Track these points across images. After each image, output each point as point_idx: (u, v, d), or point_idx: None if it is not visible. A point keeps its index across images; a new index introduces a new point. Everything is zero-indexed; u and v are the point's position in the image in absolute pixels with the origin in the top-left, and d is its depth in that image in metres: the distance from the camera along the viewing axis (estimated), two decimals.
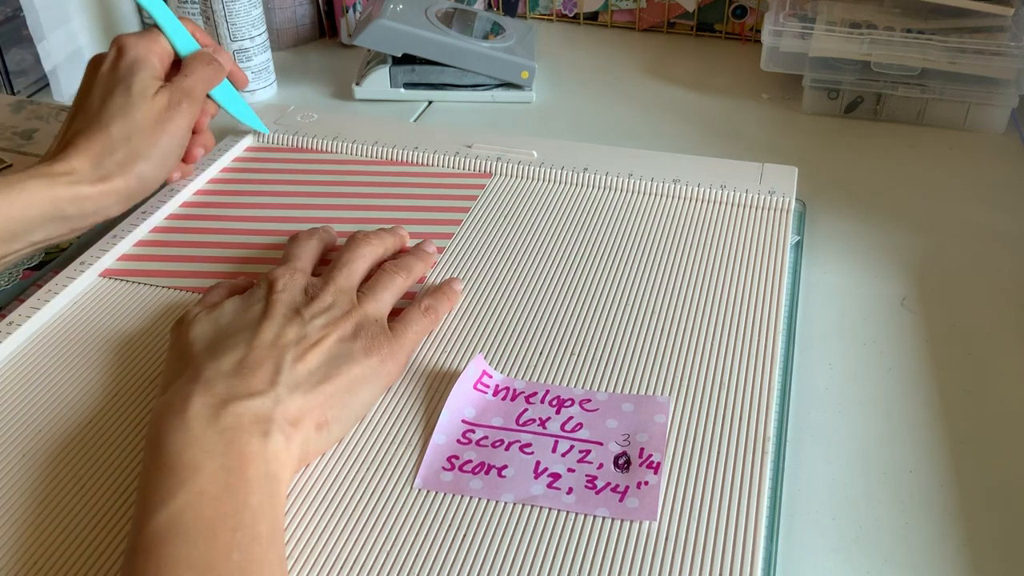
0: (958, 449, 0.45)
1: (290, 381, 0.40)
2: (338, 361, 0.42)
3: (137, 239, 0.57)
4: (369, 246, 0.51)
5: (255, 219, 0.59)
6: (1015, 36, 0.70)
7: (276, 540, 0.36)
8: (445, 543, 0.38)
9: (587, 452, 0.42)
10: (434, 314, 0.49)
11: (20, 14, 0.75)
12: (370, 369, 0.43)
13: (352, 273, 0.48)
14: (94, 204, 0.53)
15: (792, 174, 0.62)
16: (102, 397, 0.45)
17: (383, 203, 0.60)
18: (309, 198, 0.61)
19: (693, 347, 0.48)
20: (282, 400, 0.39)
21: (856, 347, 0.51)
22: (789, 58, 0.74)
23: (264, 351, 0.42)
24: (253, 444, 0.37)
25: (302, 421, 0.40)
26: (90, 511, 0.40)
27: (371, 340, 0.44)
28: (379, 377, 0.44)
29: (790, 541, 0.41)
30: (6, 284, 0.55)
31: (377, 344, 0.44)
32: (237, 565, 0.33)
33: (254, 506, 0.35)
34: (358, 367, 0.43)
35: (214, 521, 0.34)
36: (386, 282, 0.49)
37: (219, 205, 0.61)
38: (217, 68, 0.60)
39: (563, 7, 0.95)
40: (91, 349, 0.48)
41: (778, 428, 0.44)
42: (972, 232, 0.61)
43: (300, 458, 0.40)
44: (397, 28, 0.75)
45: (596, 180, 0.62)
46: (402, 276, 0.50)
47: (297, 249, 0.51)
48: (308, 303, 0.45)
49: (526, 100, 0.79)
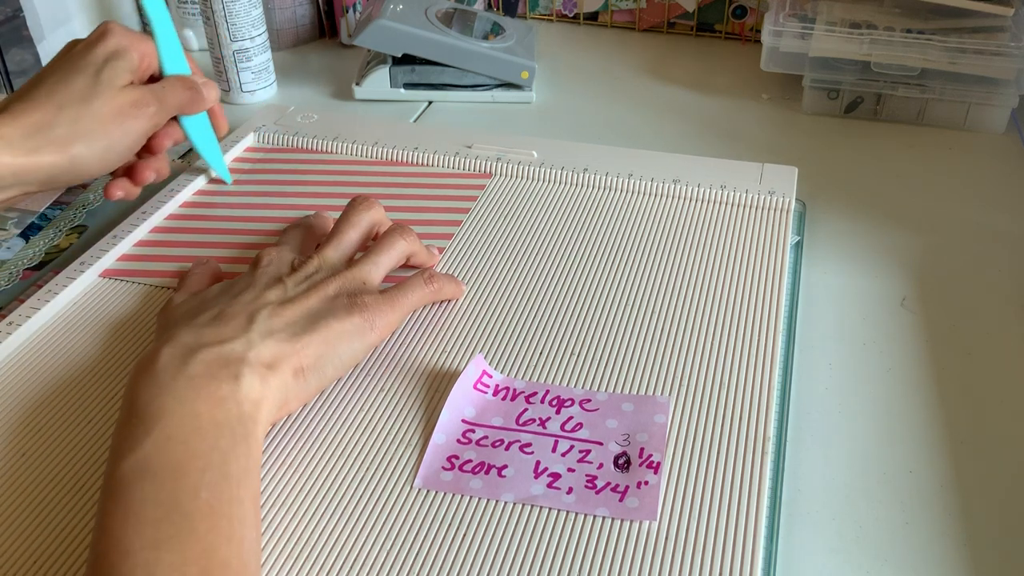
0: (958, 449, 0.45)
1: (264, 328, 0.40)
2: (316, 316, 0.43)
3: (137, 239, 0.57)
4: (367, 211, 0.50)
5: (255, 219, 0.59)
6: (1015, 36, 0.70)
7: (249, 480, 0.36)
8: (445, 543, 0.38)
9: (587, 452, 0.42)
10: (436, 286, 0.49)
11: (20, 14, 0.75)
12: (352, 326, 0.43)
13: (341, 243, 0.48)
14: (12, 177, 0.49)
15: (792, 174, 0.62)
16: (102, 397, 0.45)
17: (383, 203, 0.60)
18: (309, 199, 0.61)
19: (693, 347, 0.48)
20: (254, 344, 0.39)
21: (856, 347, 0.51)
22: (789, 58, 0.74)
23: (241, 306, 0.42)
24: (223, 388, 0.37)
25: (278, 365, 0.40)
26: (90, 511, 0.40)
27: (354, 298, 0.44)
28: (361, 334, 0.44)
29: (790, 541, 0.41)
30: (6, 284, 0.55)
31: (361, 303, 0.44)
32: (206, 503, 0.34)
33: (224, 448, 0.36)
34: (337, 322, 0.43)
35: (182, 463, 0.34)
36: (385, 244, 0.48)
37: (219, 206, 0.61)
38: (196, 96, 0.57)
39: (563, 7, 0.95)
40: (91, 349, 0.48)
41: (778, 428, 0.44)
42: (972, 232, 0.61)
43: (279, 403, 0.40)
44: (397, 28, 0.75)
45: (596, 180, 0.62)
46: (404, 240, 0.49)
47: (286, 235, 0.52)
48: (292, 273, 0.45)
49: (526, 100, 0.79)
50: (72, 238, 0.60)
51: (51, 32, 0.77)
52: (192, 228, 0.58)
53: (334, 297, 0.44)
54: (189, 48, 0.89)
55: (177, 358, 0.38)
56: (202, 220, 0.59)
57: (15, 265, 0.57)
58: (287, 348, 0.40)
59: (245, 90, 0.78)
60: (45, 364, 0.48)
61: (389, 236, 0.50)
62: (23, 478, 0.41)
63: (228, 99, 0.78)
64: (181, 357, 0.38)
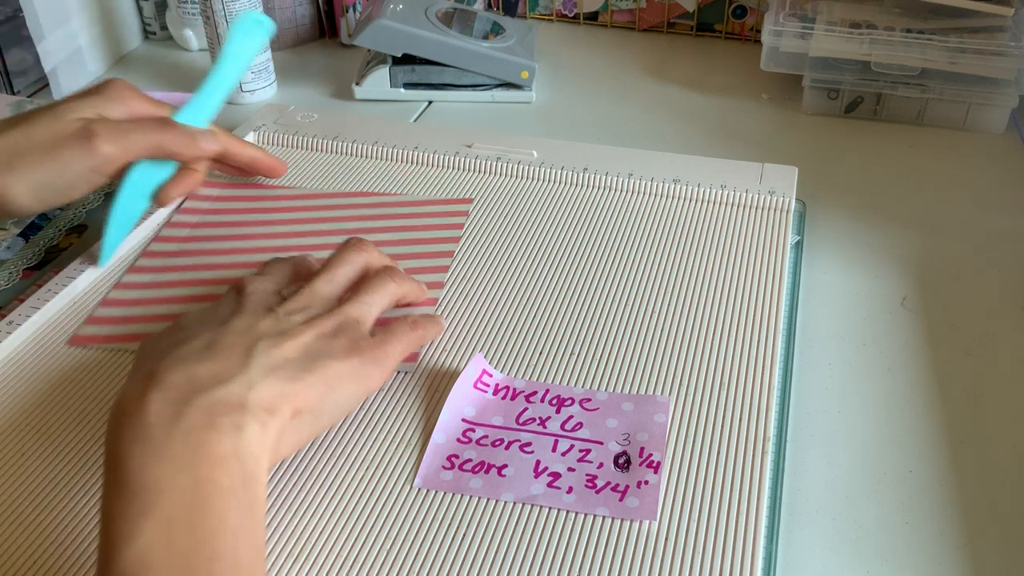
0: (958, 449, 0.45)
1: (264, 364, 0.36)
2: (316, 355, 0.39)
3: (137, 239, 0.57)
4: (360, 253, 0.46)
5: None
6: (1015, 36, 0.70)
7: (258, 564, 0.32)
8: (445, 543, 0.38)
9: (587, 451, 0.42)
10: (422, 331, 0.45)
11: (20, 14, 0.75)
12: (351, 369, 0.39)
13: (335, 278, 0.44)
14: None
15: (792, 174, 0.62)
16: (102, 397, 0.45)
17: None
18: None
19: (693, 347, 0.48)
20: (255, 385, 0.35)
21: (856, 347, 0.51)
22: (789, 58, 0.74)
23: (234, 336, 0.37)
24: (225, 444, 0.33)
25: (278, 408, 0.36)
26: (90, 511, 0.40)
27: (353, 341, 0.40)
28: (360, 379, 0.40)
29: (790, 541, 0.40)
30: (6, 284, 0.55)
31: (359, 347, 0.40)
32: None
33: (232, 526, 0.32)
34: (338, 364, 0.39)
35: (188, 554, 0.31)
36: (376, 286, 0.45)
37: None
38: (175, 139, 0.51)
39: (563, 7, 0.95)
40: (91, 349, 0.48)
41: (778, 428, 0.44)
42: (972, 232, 0.61)
43: (274, 451, 0.36)
44: (397, 28, 0.75)
45: (596, 180, 0.62)
46: (395, 283, 0.46)
47: (269, 267, 0.46)
48: (282, 302, 0.41)
49: (526, 100, 0.79)
50: (72, 238, 0.60)
51: (51, 32, 0.77)
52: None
53: (332, 336, 0.40)
54: (189, 48, 0.89)
55: (170, 405, 0.33)
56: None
57: (15, 265, 0.57)
58: (287, 388, 0.36)
59: (245, 89, 0.78)
60: (45, 364, 0.48)
61: (380, 278, 0.45)
62: (23, 477, 0.41)
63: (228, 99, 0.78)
64: (174, 406, 0.33)
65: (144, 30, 0.92)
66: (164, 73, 0.85)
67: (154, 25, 0.91)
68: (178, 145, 0.53)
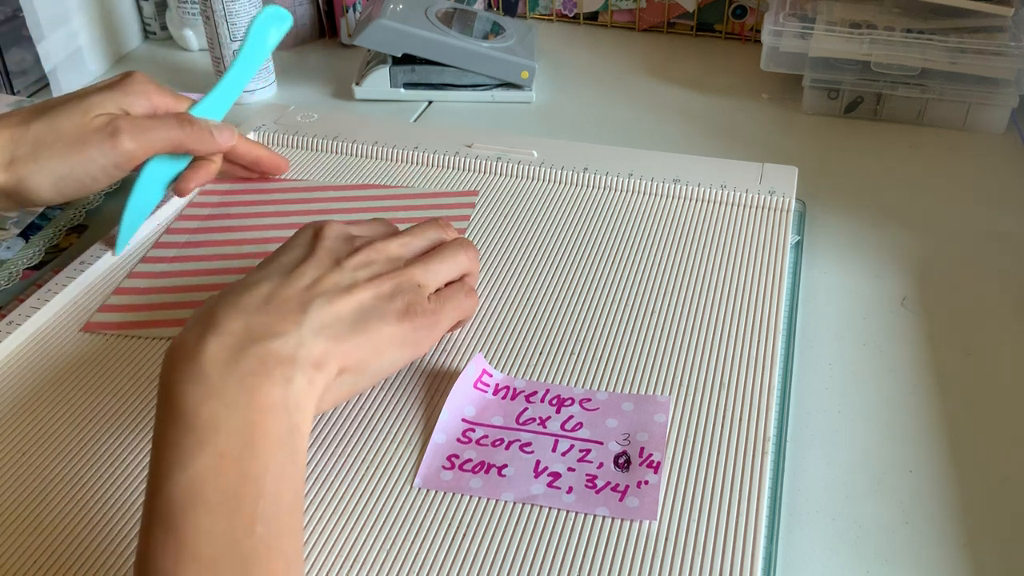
0: (958, 449, 0.45)
1: (316, 323, 0.38)
2: (369, 315, 0.40)
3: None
4: (441, 231, 0.47)
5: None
6: (1015, 36, 0.70)
7: (297, 506, 0.34)
8: (445, 542, 0.38)
9: (587, 451, 0.42)
10: (474, 301, 0.47)
11: (20, 14, 0.75)
12: (401, 333, 0.41)
13: (409, 243, 0.45)
14: None
15: (792, 174, 0.62)
16: (102, 396, 0.45)
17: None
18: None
19: (693, 347, 0.48)
20: (305, 342, 0.37)
21: (856, 347, 0.51)
22: (789, 58, 0.74)
23: (293, 290, 0.39)
24: (275, 393, 0.35)
25: (325, 365, 0.37)
26: (90, 511, 0.40)
27: (409, 305, 0.41)
28: (408, 344, 0.41)
29: (790, 541, 0.41)
30: (6, 284, 0.55)
31: (413, 311, 0.41)
32: (261, 540, 0.32)
33: (276, 470, 0.33)
34: (389, 328, 0.40)
35: (237, 490, 0.32)
36: (447, 255, 0.45)
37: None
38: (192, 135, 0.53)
39: (563, 7, 0.95)
40: (91, 349, 0.48)
41: (778, 428, 0.44)
42: (972, 232, 0.61)
43: (318, 405, 0.38)
44: (397, 28, 0.75)
45: (596, 180, 0.62)
46: (466, 256, 0.46)
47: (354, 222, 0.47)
48: (351, 254, 0.42)
49: (526, 100, 0.79)
50: (72, 238, 0.60)
51: (51, 32, 0.77)
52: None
53: (389, 297, 0.41)
54: (189, 48, 0.89)
55: (227, 350, 0.35)
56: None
57: (15, 265, 0.57)
58: (335, 348, 0.38)
59: (245, 89, 0.78)
60: (45, 364, 0.48)
61: (452, 247, 0.46)
62: (23, 476, 0.41)
63: None
64: (231, 350, 0.35)
65: (144, 30, 0.92)
66: (164, 73, 0.85)
67: (154, 25, 0.91)
68: (197, 142, 0.54)
